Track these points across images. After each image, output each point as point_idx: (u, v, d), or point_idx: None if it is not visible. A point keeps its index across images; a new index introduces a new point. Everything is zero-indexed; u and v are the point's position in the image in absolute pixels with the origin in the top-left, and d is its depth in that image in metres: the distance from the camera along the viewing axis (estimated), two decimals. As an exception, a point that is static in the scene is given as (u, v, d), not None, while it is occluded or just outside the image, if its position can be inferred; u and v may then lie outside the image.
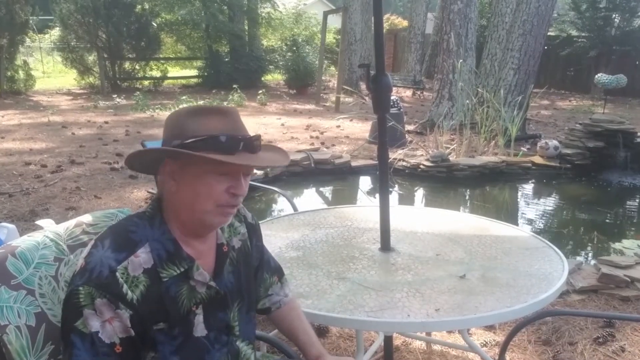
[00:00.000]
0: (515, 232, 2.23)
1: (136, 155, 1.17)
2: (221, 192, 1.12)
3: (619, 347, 2.49)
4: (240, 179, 1.14)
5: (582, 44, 14.80)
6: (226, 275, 1.24)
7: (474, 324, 2.03)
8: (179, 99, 11.76)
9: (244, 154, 1.11)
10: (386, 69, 1.98)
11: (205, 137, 1.09)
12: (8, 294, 1.16)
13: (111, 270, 1.07)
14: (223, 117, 1.13)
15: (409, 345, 2.55)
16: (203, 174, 1.11)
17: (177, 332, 1.14)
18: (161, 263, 1.13)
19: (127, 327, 1.08)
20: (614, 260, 3.24)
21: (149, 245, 1.13)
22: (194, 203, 1.13)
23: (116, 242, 1.12)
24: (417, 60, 16.31)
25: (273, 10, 17.83)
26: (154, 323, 1.11)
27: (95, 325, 1.06)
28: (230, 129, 1.12)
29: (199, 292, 1.17)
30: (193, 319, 1.16)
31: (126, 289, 1.07)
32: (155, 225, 1.15)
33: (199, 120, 1.12)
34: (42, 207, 4.62)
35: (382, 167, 2.02)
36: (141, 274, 1.10)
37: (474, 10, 8.90)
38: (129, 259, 1.10)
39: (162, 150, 1.14)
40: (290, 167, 5.88)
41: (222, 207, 1.14)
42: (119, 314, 1.07)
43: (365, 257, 1.94)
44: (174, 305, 1.13)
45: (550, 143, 6.36)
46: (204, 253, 1.21)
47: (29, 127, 8.70)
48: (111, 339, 1.07)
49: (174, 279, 1.13)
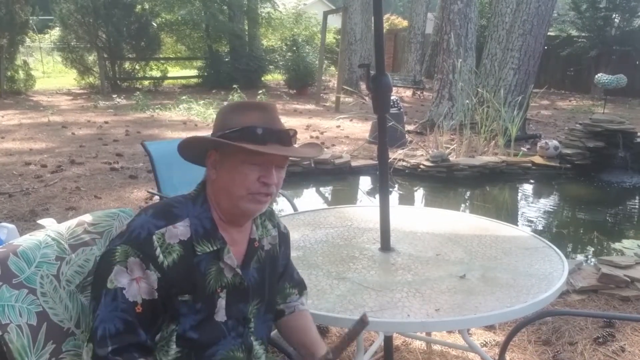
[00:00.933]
0: (515, 232, 2.24)
1: (186, 143, 1.26)
2: (253, 180, 1.21)
3: (619, 347, 2.49)
4: (272, 169, 1.22)
5: (582, 44, 14.79)
6: (252, 270, 1.30)
7: (474, 324, 2.03)
8: (179, 99, 11.75)
9: (276, 146, 1.20)
10: (386, 69, 1.98)
11: (240, 129, 1.19)
12: (9, 292, 1.16)
13: (149, 233, 1.17)
14: (261, 111, 1.23)
15: (409, 345, 2.56)
16: (239, 163, 1.20)
17: (199, 307, 1.20)
18: (197, 238, 1.21)
19: (153, 290, 1.15)
20: (614, 260, 3.24)
21: (189, 220, 1.22)
22: (230, 189, 1.22)
23: (159, 212, 1.22)
24: (417, 60, 16.31)
25: (273, 10, 17.83)
26: (180, 293, 1.18)
27: (123, 281, 1.14)
28: (265, 122, 1.21)
29: (226, 277, 1.24)
30: (216, 300, 1.23)
31: (159, 252, 1.16)
32: (198, 204, 1.25)
33: (239, 114, 1.22)
34: (42, 207, 4.62)
35: (382, 167, 2.02)
36: (176, 243, 1.18)
37: (474, 10, 8.90)
38: (168, 227, 1.19)
39: (203, 139, 1.25)
40: (290, 167, 5.88)
41: (253, 195, 1.22)
42: (148, 274, 1.15)
43: (365, 257, 1.95)
44: (202, 281, 1.20)
45: (550, 143, 6.37)
46: (237, 242, 1.29)
47: (29, 127, 8.70)
48: (134, 298, 1.14)
49: (206, 255, 1.21)
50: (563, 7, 17.34)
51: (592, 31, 14.82)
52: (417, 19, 16.14)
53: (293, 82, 14.71)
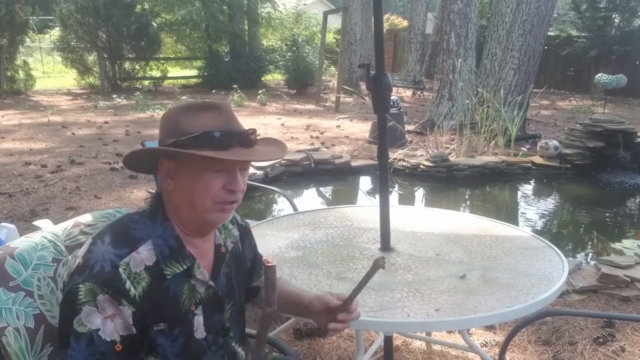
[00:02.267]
0: (515, 232, 2.23)
1: (132, 156, 1.15)
2: (218, 188, 1.11)
3: (619, 347, 2.49)
4: (237, 174, 1.12)
5: (582, 44, 14.79)
6: (222, 276, 1.24)
7: (474, 324, 2.03)
8: (179, 99, 11.77)
9: (238, 149, 1.10)
10: (386, 69, 1.98)
11: (198, 135, 1.08)
12: (7, 295, 1.16)
13: (113, 266, 1.05)
14: (216, 112, 1.12)
15: (409, 345, 2.55)
16: (199, 171, 1.09)
17: (177, 333, 1.12)
18: (164, 260, 1.11)
19: (129, 325, 1.05)
20: (614, 260, 3.24)
21: (152, 242, 1.11)
22: (192, 201, 1.12)
23: (116, 238, 1.10)
24: (417, 60, 16.31)
25: (273, 10, 17.84)
26: (154, 323, 1.09)
27: (96, 322, 1.02)
28: (223, 124, 1.10)
29: (199, 292, 1.16)
30: (192, 319, 1.15)
31: (129, 285, 1.05)
32: (157, 222, 1.14)
33: (192, 117, 1.10)
34: (42, 207, 4.61)
35: (382, 167, 2.02)
36: (143, 270, 1.08)
37: (474, 10, 8.90)
38: (131, 254, 1.08)
39: (157, 150, 1.13)
40: (290, 167, 5.88)
41: (219, 204, 1.12)
42: (121, 310, 1.04)
43: (365, 257, 1.94)
44: (175, 304, 1.12)
45: (550, 143, 6.36)
46: (205, 252, 1.20)
47: (29, 127, 8.70)
48: (112, 337, 1.03)
49: (177, 277, 1.12)
50: (563, 7, 17.34)
51: (592, 31, 14.82)
52: (417, 19, 16.15)
53: (293, 82, 14.71)
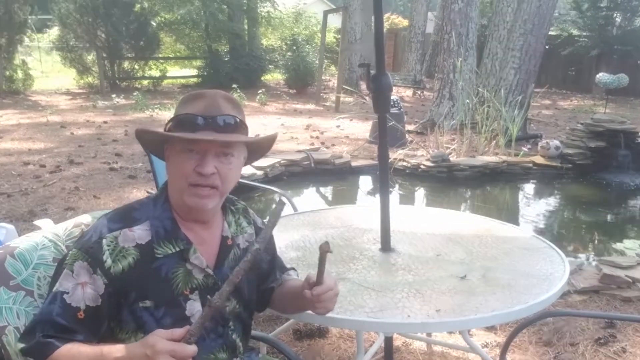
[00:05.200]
0: (516, 232, 2.23)
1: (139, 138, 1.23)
2: (189, 170, 1.15)
3: (620, 348, 2.49)
4: (208, 158, 1.15)
5: (584, 43, 14.78)
6: (227, 269, 1.25)
7: (474, 325, 2.02)
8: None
9: (209, 132, 1.14)
10: (386, 68, 1.97)
11: (175, 117, 1.17)
12: (7, 294, 1.16)
13: (100, 237, 1.13)
14: (200, 99, 1.18)
15: (409, 346, 2.55)
16: (177, 153, 1.17)
17: (163, 313, 1.15)
18: (158, 240, 1.17)
19: (98, 296, 1.10)
20: (615, 260, 3.23)
21: (149, 223, 1.18)
22: (173, 182, 1.20)
23: (117, 215, 1.19)
24: (418, 59, 16.30)
25: (273, 9, 17.82)
26: (139, 299, 1.13)
27: (67, 285, 1.10)
28: (203, 110, 1.16)
29: (196, 278, 1.20)
30: (184, 303, 1.18)
31: (107, 257, 1.11)
32: (158, 204, 1.22)
33: (184, 106, 1.20)
34: (40, 207, 4.61)
35: (382, 167, 2.01)
36: (132, 247, 1.14)
37: (474, 9, 8.89)
38: (122, 230, 1.15)
39: (145, 131, 1.20)
40: (290, 167, 5.87)
41: (193, 187, 1.16)
42: (94, 279, 1.10)
43: (366, 258, 1.94)
44: (165, 285, 1.15)
45: (552, 143, 6.35)
46: (207, 241, 1.24)
47: (28, 127, 8.69)
48: (77, 304, 1.09)
49: (169, 258, 1.17)
50: (564, 6, 17.34)
51: (594, 31, 14.81)
52: (417, 19, 16.14)
53: (293, 81, 14.70)
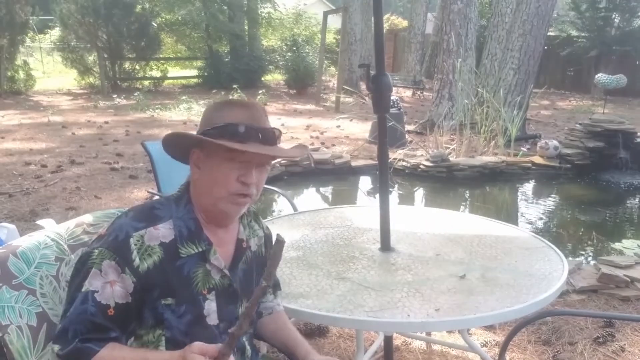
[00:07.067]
0: (515, 232, 2.23)
1: (168, 141, 1.23)
2: (233, 180, 1.17)
3: (618, 347, 2.49)
4: (252, 168, 1.18)
5: (582, 44, 14.79)
6: (239, 271, 1.28)
7: (474, 324, 2.03)
8: (179, 99, 11.75)
9: (256, 144, 1.15)
10: (386, 69, 1.98)
11: (222, 125, 1.15)
12: (9, 293, 1.16)
13: (127, 236, 1.14)
14: (245, 109, 1.19)
15: (409, 345, 2.56)
16: (220, 162, 1.17)
17: (184, 310, 1.17)
18: (182, 240, 1.18)
19: (127, 294, 1.12)
20: (614, 260, 3.24)
21: (172, 222, 1.19)
22: (211, 189, 1.19)
23: (139, 214, 1.19)
24: (417, 60, 16.31)
25: (273, 10, 17.83)
26: (162, 296, 1.15)
27: (96, 284, 1.11)
28: (248, 119, 1.17)
29: (214, 278, 1.22)
30: (203, 301, 1.20)
31: (135, 256, 1.13)
32: (181, 205, 1.22)
33: (223, 112, 1.19)
34: (42, 207, 4.62)
35: (382, 167, 2.02)
36: (157, 245, 1.15)
37: (474, 10, 8.90)
38: (148, 229, 1.16)
39: (184, 135, 1.21)
40: (290, 167, 5.88)
41: (233, 196, 1.19)
42: (123, 278, 1.12)
43: (366, 257, 1.94)
44: (187, 284, 1.17)
45: (550, 143, 6.36)
46: (224, 242, 1.26)
47: (29, 127, 8.70)
48: (107, 301, 1.11)
49: (191, 258, 1.18)
50: (563, 7, 17.34)
51: (592, 31, 14.82)
52: (417, 19, 16.15)
53: (293, 82, 14.70)
